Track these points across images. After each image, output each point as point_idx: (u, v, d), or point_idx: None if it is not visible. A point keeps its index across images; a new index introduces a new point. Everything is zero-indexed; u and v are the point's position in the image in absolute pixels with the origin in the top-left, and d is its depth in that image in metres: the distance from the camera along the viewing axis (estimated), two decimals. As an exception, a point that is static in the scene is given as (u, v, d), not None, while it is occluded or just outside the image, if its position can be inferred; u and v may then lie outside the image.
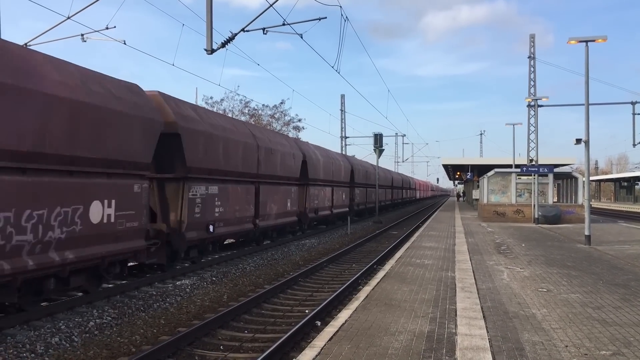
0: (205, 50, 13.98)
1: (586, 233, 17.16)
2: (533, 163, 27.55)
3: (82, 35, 15.46)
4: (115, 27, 18.78)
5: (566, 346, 6.11)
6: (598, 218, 33.98)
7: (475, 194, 48.75)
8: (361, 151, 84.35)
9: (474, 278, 10.57)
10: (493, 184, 30.02)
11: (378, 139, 35.97)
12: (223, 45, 14.38)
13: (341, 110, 52.65)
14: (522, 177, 28.75)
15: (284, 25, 14.80)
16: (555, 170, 27.65)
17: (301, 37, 15.97)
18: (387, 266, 12.11)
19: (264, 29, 15.21)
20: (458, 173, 58.80)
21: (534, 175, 26.68)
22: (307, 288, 12.41)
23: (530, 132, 30.84)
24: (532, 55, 31.26)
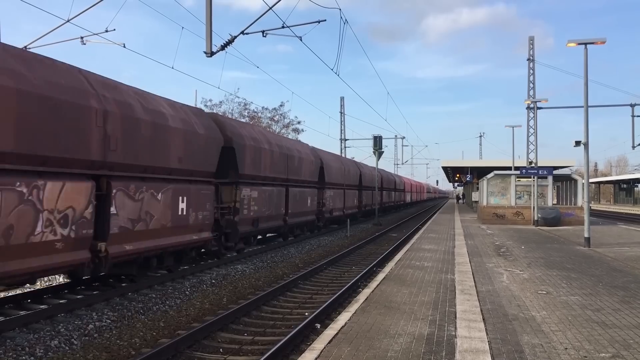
0: (204, 52, 14.00)
1: (586, 235, 17.15)
2: (532, 165, 27.51)
3: (82, 38, 15.43)
4: (114, 30, 18.84)
5: (566, 348, 6.11)
6: (597, 220, 33.94)
7: (474, 196, 48.74)
8: (361, 153, 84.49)
9: (474, 280, 10.56)
10: (492, 186, 30.00)
11: (377, 142, 36.00)
12: (223, 47, 14.38)
13: (341, 112, 52.77)
14: (522, 179, 28.73)
15: (284, 27, 14.84)
16: (554, 172, 27.58)
17: (301, 40, 16.01)
18: (387, 268, 12.11)
19: (264, 32, 15.22)
20: (457, 175, 58.83)
21: (534, 177, 26.66)
22: (307, 290, 12.41)
23: (529, 134, 30.81)
24: (532, 57, 31.26)
